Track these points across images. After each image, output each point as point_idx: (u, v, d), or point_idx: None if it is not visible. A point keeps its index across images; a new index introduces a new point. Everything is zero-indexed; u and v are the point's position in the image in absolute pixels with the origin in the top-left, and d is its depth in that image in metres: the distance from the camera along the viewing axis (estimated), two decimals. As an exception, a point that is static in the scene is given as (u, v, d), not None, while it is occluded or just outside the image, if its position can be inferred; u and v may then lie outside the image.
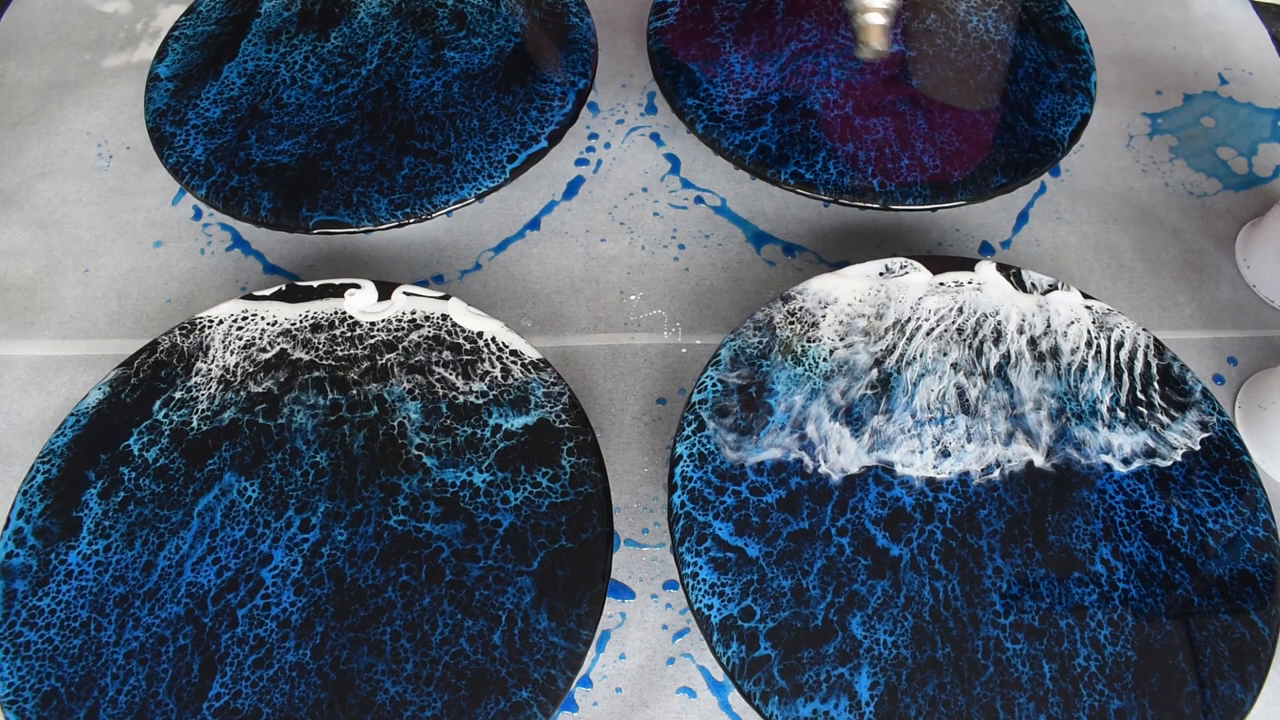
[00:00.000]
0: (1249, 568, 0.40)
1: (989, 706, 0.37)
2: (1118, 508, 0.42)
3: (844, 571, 0.40)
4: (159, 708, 0.37)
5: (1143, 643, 0.38)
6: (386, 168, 0.51)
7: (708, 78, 0.56)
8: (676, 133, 0.60)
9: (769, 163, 0.52)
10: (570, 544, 0.41)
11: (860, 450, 0.43)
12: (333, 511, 0.42)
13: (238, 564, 0.40)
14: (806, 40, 0.58)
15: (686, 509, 0.41)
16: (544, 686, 0.37)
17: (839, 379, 0.45)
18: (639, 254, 0.55)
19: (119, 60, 0.64)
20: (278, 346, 0.46)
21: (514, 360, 0.45)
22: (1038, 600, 0.39)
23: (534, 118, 0.53)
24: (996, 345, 0.46)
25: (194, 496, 0.42)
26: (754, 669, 0.37)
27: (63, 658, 0.38)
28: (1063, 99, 0.55)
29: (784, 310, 0.47)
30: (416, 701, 0.37)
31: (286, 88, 0.55)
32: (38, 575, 0.40)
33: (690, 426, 0.43)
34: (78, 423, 0.44)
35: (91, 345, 0.51)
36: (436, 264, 0.54)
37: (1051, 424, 0.44)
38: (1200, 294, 0.54)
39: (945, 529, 0.41)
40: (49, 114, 0.61)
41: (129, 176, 0.58)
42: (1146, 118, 0.61)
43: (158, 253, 0.55)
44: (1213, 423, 0.44)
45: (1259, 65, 0.64)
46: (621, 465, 0.47)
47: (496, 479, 0.42)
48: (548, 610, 0.39)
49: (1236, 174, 0.59)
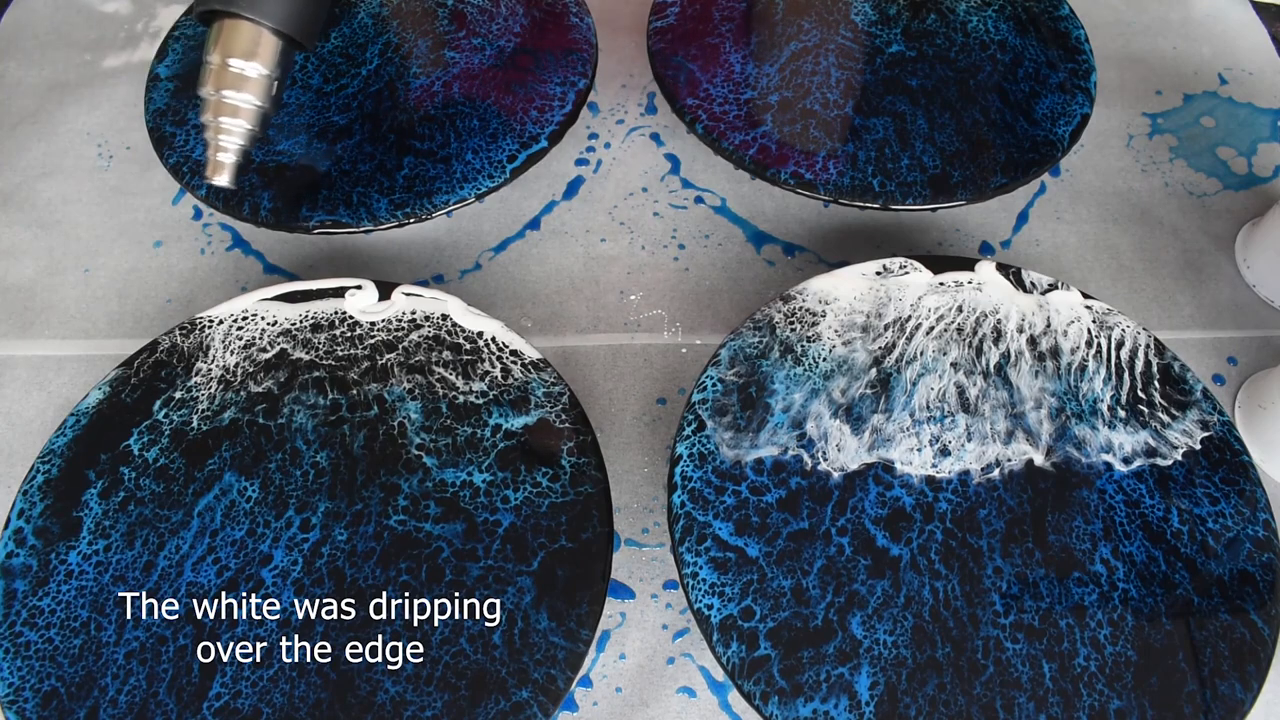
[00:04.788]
0: (1249, 568, 0.40)
1: (989, 706, 0.37)
2: (1118, 507, 0.42)
3: (844, 571, 0.40)
4: (159, 708, 0.37)
5: (1143, 643, 0.38)
6: (386, 168, 0.51)
7: (708, 78, 0.56)
8: (676, 133, 0.60)
9: (769, 163, 0.52)
10: (570, 544, 0.41)
11: (861, 448, 0.43)
12: (333, 511, 0.42)
13: (238, 564, 0.40)
14: (806, 40, 0.58)
15: (686, 509, 0.41)
16: (544, 686, 0.37)
17: (839, 378, 0.45)
18: (639, 254, 0.55)
19: (119, 60, 0.64)
20: (278, 346, 0.46)
21: (514, 360, 0.45)
22: (1038, 600, 0.39)
23: (534, 118, 0.53)
24: (996, 344, 0.46)
25: (194, 496, 0.42)
26: (754, 669, 0.37)
27: (63, 658, 0.38)
28: (1063, 99, 0.55)
29: (784, 310, 0.47)
30: (416, 701, 0.37)
31: (286, 88, 0.55)
32: (38, 575, 0.40)
33: (690, 426, 0.43)
34: (78, 423, 0.44)
35: (91, 345, 0.51)
36: (436, 264, 0.54)
37: (1051, 423, 0.44)
38: (1200, 294, 0.54)
39: (945, 529, 0.41)
40: (49, 114, 0.61)
41: (129, 176, 0.58)
42: (1146, 118, 0.61)
43: (158, 253, 0.55)
44: (1213, 422, 0.44)
45: (1259, 65, 0.64)
46: (621, 465, 0.47)
47: (496, 479, 0.42)
48: (548, 610, 0.39)
49: (1236, 174, 0.59)
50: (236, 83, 0.44)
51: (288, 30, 0.45)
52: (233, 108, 0.45)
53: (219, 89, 0.44)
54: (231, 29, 0.44)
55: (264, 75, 0.45)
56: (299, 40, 0.46)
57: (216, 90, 0.44)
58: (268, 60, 0.45)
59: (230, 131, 0.45)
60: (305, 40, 0.46)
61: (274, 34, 0.45)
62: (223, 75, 0.44)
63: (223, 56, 0.44)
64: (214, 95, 0.45)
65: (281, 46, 0.45)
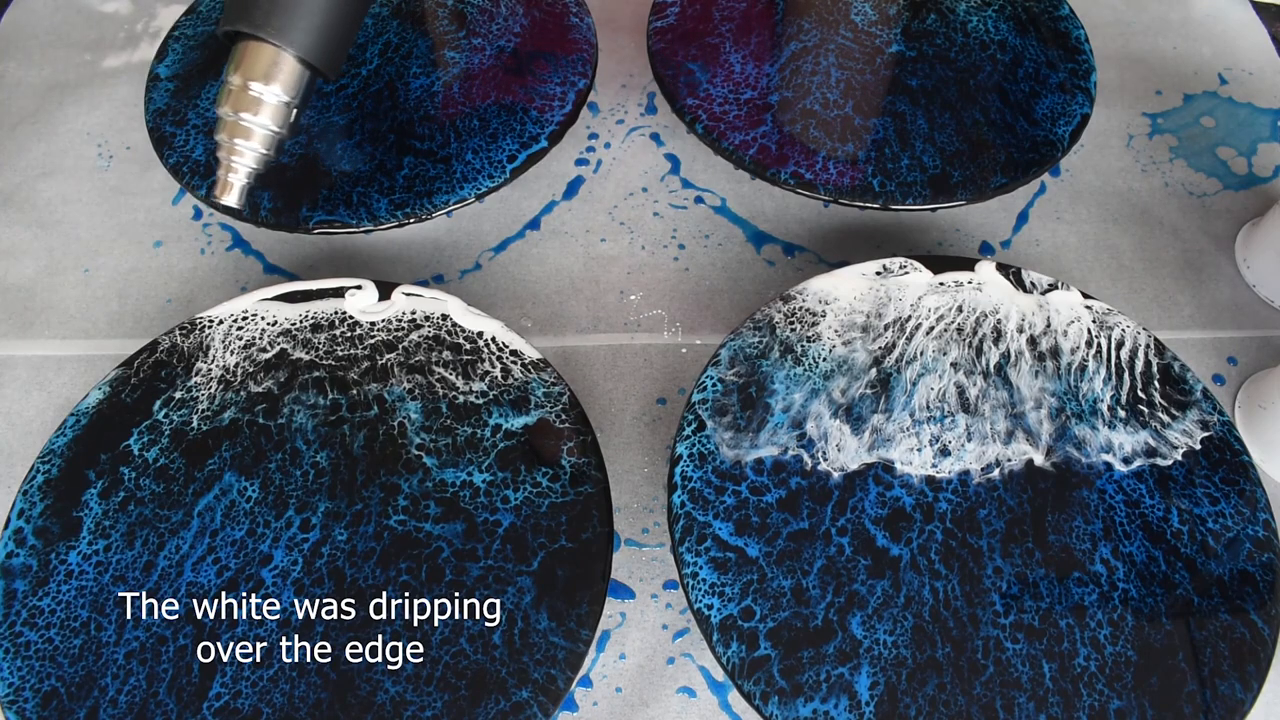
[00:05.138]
0: (1249, 568, 0.40)
1: (989, 706, 0.37)
2: (1118, 507, 0.42)
3: (844, 571, 0.40)
4: (159, 708, 0.37)
5: (1143, 643, 0.38)
6: (386, 168, 0.51)
7: (708, 78, 0.56)
8: (676, 133, 0.60)
9: (769, 163, 0.52)
10: (570, 544, 0.41)
11: (861, 448, 0.43)
12: (333, 511, 0.42)
13: (238, 564, 0.40)
14: (806, 40, 0.58)
15: (686, 509, 0.41)
16: (544, 686, 0.37)
17: (839, 378, 0.45)
18: (639, 254, 0.55)
19: (119, 60, 0.64)
20: (278, 346, 0.46)
21: (514, 360, 0.45)
22: (1038, 600, 0.39)
23: (534, 118, 0.53)
24: (996, 344, 0.46)
25: (194, 496, 0.42)
26: (754, 669, 0.37)
27: (63, 657, 0.38)
28: (1063, 99, 0.55)
29: (784, 310, 0.47)
30: (416, 701, 0.37)
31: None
32: (38, 575, 0.40)
33: (690, 426, 0.43)
34: (78, 423, 0.44)
35: (91, 345, 0.51)
36: (436, 264, 0.54)
37: (1051, 423, 0.44)
38: (1200, 294, 0.54)
39: (945, 529, 0.41)
40: (49, 114, 0.61)
41: (129, 176, 0.58)
42: (1146, 118, 0.61)
43: (158, 253, 0.55)
44: (1213, 422, 0.44)
45: (1259, 65, 0.64)
46: (621, 465, 0.47)
47: (496, 479, 0.42)
48: (548, 610, 0.39)
49: (1236, 174, 0.59)
50: (254, 106, 0.44)
51: (311, 59, 0.44)
52: (247, 130, 0.44)
53: (236, 111, 0.44)
54: (254, 51, 0.44)
55: (283, 101, 0.44)
56: (322, 70, 0.45)
57: (234, 112, 0.44)
58: (288, 86, 0.44)
59: (242, 154, 0.45)
60: (329, 70, 0.45)
61: (297, 61, 0.44)
62: (241, 98, 0.44)
63: (243, 79, 0.44)
64: (230, 116, 0.44)
65: (303, 74, 0.45)
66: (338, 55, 0.46)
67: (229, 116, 0.44)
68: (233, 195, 0.46)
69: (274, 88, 0.44)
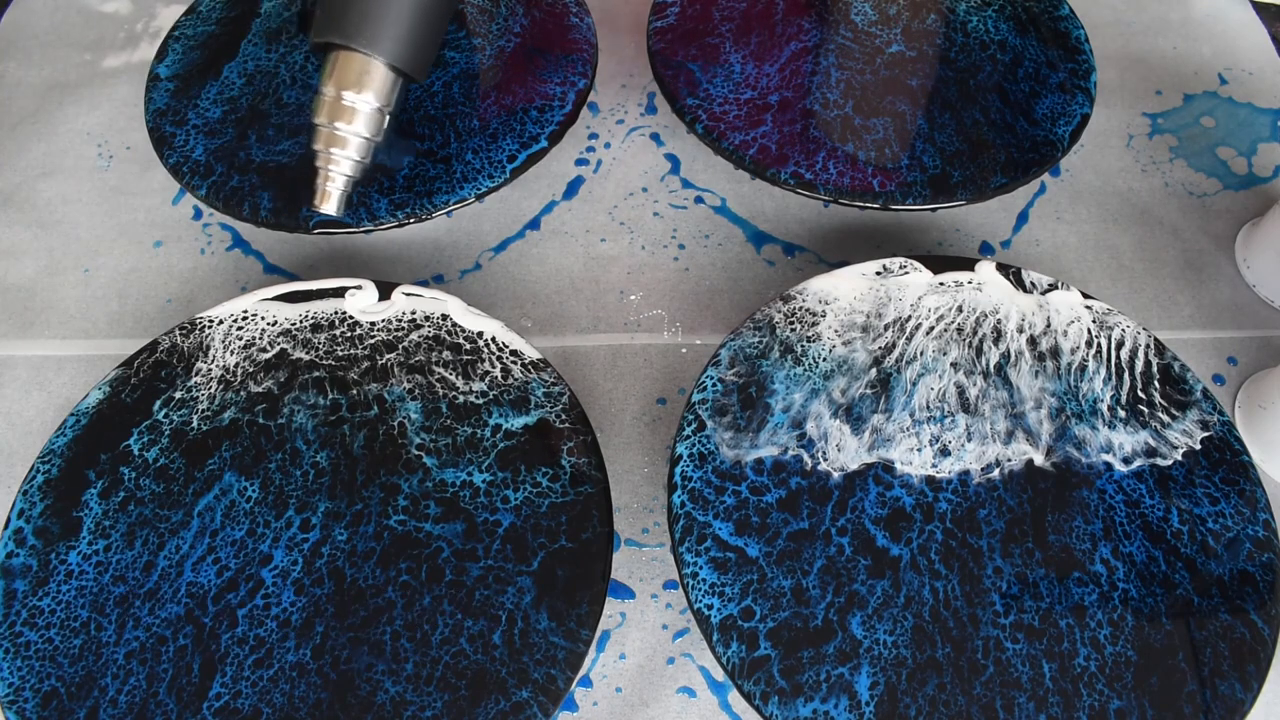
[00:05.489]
0: (1249, 568, 0.40)
1: (989, 706, 0.37)
2: (1118, 507, 0.42)
3: (844, 571, 0.40)
4: (159, 707, 0.37)
5: (1143, 643, 0.38)
6: (386, 168, 0.51)
7: (708, 78, 0.56)
8: (676, 133, 0.60)
9: (769, 163, 0.52)
10: (570, 544, 0.41)
11: (861, 448, 0.43)
12: (333, 511, 0.42)
13: (238, 564, 0.40)
14: (806, 40, 0.58)
15: (686, 509, 0.41)
16: (544, 686, 0.37)
17: (839, 378, 0.45)
18: (639, 254, 0.55)
19: (119, 60, 0.64)
20: (278, 346, 0.46)
21: (514, 360, 0.45)
22: (1038, 600, 0.39)
23: (534, 118, 0.53)
24: (996, 344, 0.46)
25: (194, 496, 0.42)
26: (754, 669, 0.37)
27: (63, 657, 0.38)
28: (1063, 99, 0.55)
29: (784, 310, 0.47)
30: (416, 701, 0.37)
31: (286, 88, 0.55)
32: (38, 575, 0.40)
33: (690, 426, 0.43)
34: (78, 423, 0.44)
35: (91, 345, 0.51)
36: (436, 264, 0.54)
37: (1051, 423, 0.44)
38: (1200, 294, 0.54)
39: (945, 529, 0.41)
40: (49, 114, 0.61)
41: (129, 176, 0.58)
42: (1146, 118, 0.61)
43: (158, 253, 0.55)
44: (1213, 422, 0.44)
45: (1259, 65, 0.64)
46: (621, 465, 0.47)
47: (496, 479, 0.42)
48: (548, 610, 0.39)
49: (1236, 174, 0.59)
50: (348, 115, 0.45)
51: (401, 65, 0.45)
52: (343, 139, 0.45)
53: (331, 121, 0.45)
54: (346, 61, 0.45)
55: (375, 109, 0.45)
56: (411, 74, 0.46)
57: (330, 122, 0.45)
58: (380, 94, 0.45)
59: (339, 162, 0.46)
60: (417, 74, 0.47)
61: (387, 68, 0.45)
62: (336, 108, 0.45)
63: (337, 89, 0.45)
64: (326, 126, 0.45)
65: (394, 80, 0.46)
66: (426, 59, 0.47)
67: (325, 126, 0.46)
68: (332, 204, 0.47)
69: (366, 95, 0.45)
